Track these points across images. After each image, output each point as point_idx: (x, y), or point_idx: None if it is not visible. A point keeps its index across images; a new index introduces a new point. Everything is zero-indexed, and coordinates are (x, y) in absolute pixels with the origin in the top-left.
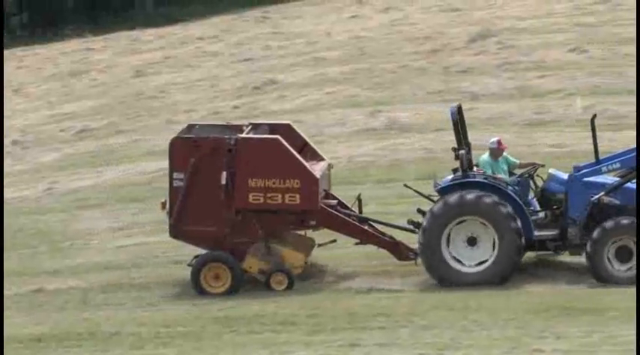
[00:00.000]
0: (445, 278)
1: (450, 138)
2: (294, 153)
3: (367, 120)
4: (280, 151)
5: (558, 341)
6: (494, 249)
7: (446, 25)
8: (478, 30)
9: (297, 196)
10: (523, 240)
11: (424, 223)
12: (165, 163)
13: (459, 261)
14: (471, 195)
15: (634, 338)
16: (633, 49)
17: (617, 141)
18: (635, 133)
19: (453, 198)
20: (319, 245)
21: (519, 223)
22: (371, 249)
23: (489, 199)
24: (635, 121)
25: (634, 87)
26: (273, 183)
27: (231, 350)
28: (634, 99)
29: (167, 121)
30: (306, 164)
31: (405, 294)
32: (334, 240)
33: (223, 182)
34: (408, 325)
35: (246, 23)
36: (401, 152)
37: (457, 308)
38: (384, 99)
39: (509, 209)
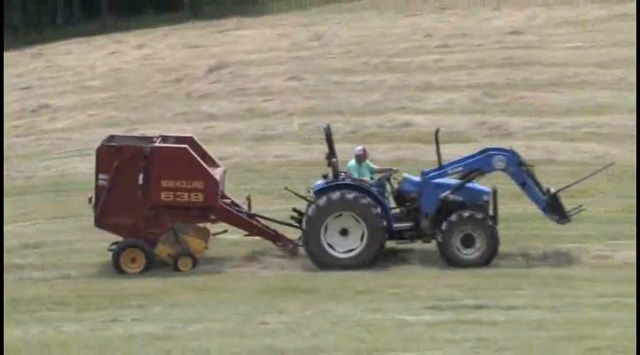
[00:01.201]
0: (322, 262)
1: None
2: (199, 159)
3: None
4: (187, 158)
5: (280, 315)
6: (362, 239)
7: (188, 58)
8: (214, 62)
9: (201, 195)
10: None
11: (309, 213)
12: None
13: (332, 248)
14: (350, 195)
15: (344, 312)
16: (341, 78)
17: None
18: None
19: (335, 196)
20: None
21: (386, 219)
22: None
23: (365, 199)
24: None
25: (342, 108)
26: (181, 184)
27: (14, 327)
28: (343, 118)
29: None
30: (208, 169)
31: (157, 279)
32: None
33: (140, 182)
34: (160, 303)
35: (24, 58)
36: None
37: (200, 289)
38: (138, 119)
39: (379, 208)
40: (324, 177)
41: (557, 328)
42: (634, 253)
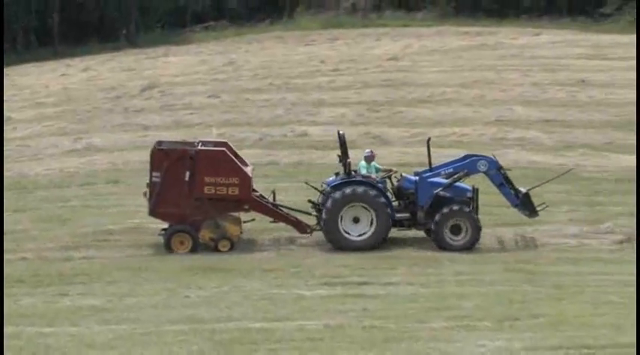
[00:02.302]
0: (339, 244)
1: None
2: (234, 159)
3: (72, 144)
4: (225, 158)
5: (200, 290)
6: (371, 226)
7: (125, 79)
8: (147, 83)
9: (237, 189)
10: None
11: (328, 205)
12: None
13: (347, 233)
14: (360, 189)
15: (253, 288)
16: (251, 95)
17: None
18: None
19: (348, 190)
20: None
21: (390, 209)
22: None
23: (372, 192)
24: None
25: (252, 121)
26: (220, 180)
27: None
28: (253, 128)
29: None
30: (242, 167)
31: (98, 260)
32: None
33: (187, 179)
34: (99, 281)
35: None
36: (95, 165)
37: (133, 269)
38: (84, 129)
39: (383, 198)
40: (337, 174)
41: (427, 301)
42: (495, 238)
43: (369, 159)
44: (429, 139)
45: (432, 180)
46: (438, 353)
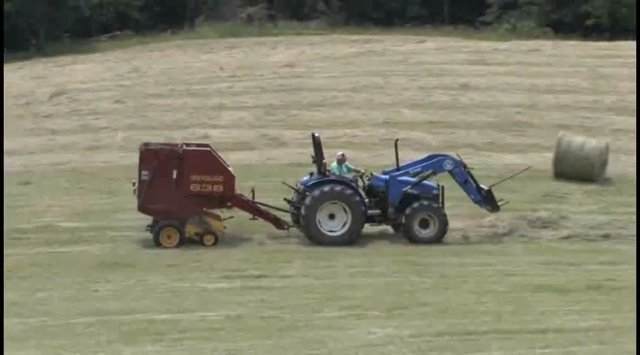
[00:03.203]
0: (316, 238)
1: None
2: (220, 158)
3: None
4: (211, 158)
5: (108, 284)
6: (345, 222)
7: (35, 86)
8: (55, 90)
9: (221, 186)
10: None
11: (307, 202)
12: None
13: (324, 229)
14: (338, 187)
15: (157, 282)
16: (154, 101)
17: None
18: None
19: (327, 188)
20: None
21: (364, 206)
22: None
23: (348, 190)
24: None
25: (155, 125)
26: (206, 178)
27: None
28: (156, 132)
29: None
30: (227, 166)
31: (12, 257)
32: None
33: (174, 177)
34: (13, 276)
35: None
36: (7, 167)
37: (45, 265)
38: None
39: (358, 197)
40: (311, 174)
41: (320, 291)
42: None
43: (341, 161)
44: (396, 140)
45: (401, 178)
46: (331, 340)
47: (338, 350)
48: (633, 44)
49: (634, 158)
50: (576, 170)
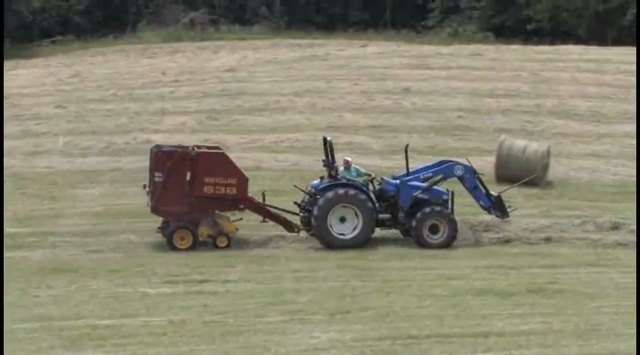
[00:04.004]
0: (327, 242)
1: None
2: (233, 161)
3: None
4: (224, 160)
5: (50, 289)
6: (356, 226)
7: None
8: None
9: (234, 188)
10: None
11: (320, 203)
12: None
13: (335, 231)
14: (352, 191)
15: (99, 287)
16: (95, 106)
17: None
18: None
19: (341, 191)
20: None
21: (374, 210)
22: None
23: (361, 195)
24: None
25: (97, 130)
26: (220, 180)
27: None
28: (98, 137)
29: None
30: (240, 169)
31: None
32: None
33: (188, 179)
34: None
35: None
36: None
37: None
38: None
39: (371, 202)
40: (321, 178)
41: (263, 296)
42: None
43: (346, 166)
44: (406, 146)
45: (411, 183)
46: (274, 345)
47: (280, 354)
48: (574, 48)
49: (575, 161)
50: (518, 173)
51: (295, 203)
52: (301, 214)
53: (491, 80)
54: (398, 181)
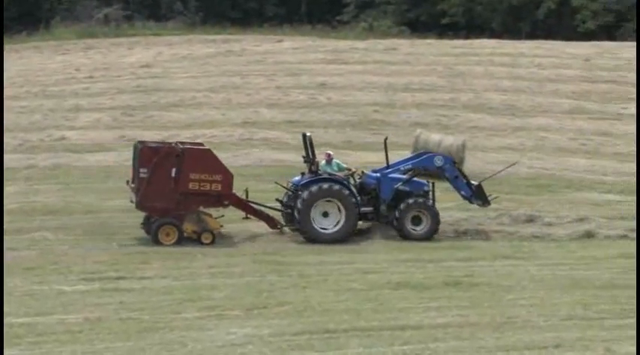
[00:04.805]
0: (310, 236)
1: None
2: (218, 158)
3: None
4: (210, 156)
5: None
6: (339, 220)
7: None
8: None
9: (220, 185)
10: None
11: (304, 197)
12: None
13: (318, 226)
14: (336, 186)
15: (15, 285)
16: (9, 103)
17: None
18: None
19: (325, 185)
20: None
21: (357, 204)
22: None
23: (344, 189)
24: None
25: (11, 127)
26: (205, 177)
27: None
28: (12, 134)
29: None
30: (224, 165)
31: None
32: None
33: (173, 175)
34: None
35: None
36: None
37: None
38: None
39: (354, 197)
40: (302, 174)
41: (180, 292)
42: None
43: (328, 160)
44: (385, 139)
45: (392, 175)
46: (191, 341)
47: (197, 350)
48: (488, 42)
49: (490, 155)
50: None
51: (277, 199)
52: (283, 211)
53: (406, 74)
54: (379, 174)
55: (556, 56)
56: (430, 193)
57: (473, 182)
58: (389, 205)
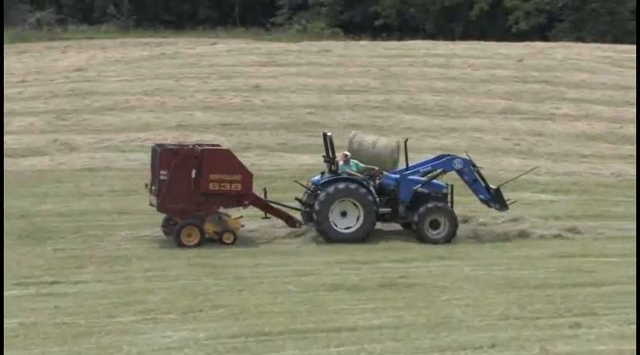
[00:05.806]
0: (328, 235)
1: None
2: (238, 158)
3: None
4: (230, 157)
5: None
6: (358, 220)
7: None
8: None
9: (239, 185)
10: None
11: (321, 198)
12: None
13: (336, 226)
14: (353, 185)
15: None
16: None
17: None
18: None
19: (342, 185)
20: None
21: (375, 205)
22: None
23: (362, 189)
24: None
25: None
26: (225, 177)
27: None
28: None
29: None
30: (244, 165)
31: None
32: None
33: (193, 176)
34: None
35: None
36: None
37: None
38: None
39: (371, 196)
40: (322, 173)
41: (115, 296)
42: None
43: (345, 160)
44: (406, 140)
45: (411, 177)
46: (127, 345)
47: (133, 354)
48: (421, 43)
49: (424, 156)
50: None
51: (296, 198)
52: (302, 210)
53: (340, 76)
54: (398, 175)
55: (489, 57)
56: (448, 196)
57: (492, 186)
58: (407, 207)
